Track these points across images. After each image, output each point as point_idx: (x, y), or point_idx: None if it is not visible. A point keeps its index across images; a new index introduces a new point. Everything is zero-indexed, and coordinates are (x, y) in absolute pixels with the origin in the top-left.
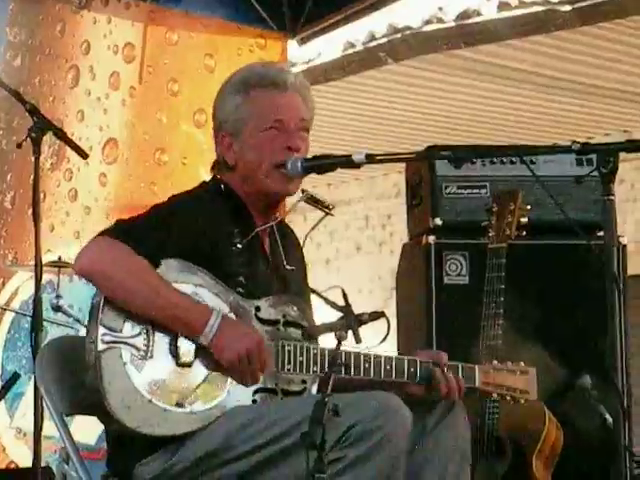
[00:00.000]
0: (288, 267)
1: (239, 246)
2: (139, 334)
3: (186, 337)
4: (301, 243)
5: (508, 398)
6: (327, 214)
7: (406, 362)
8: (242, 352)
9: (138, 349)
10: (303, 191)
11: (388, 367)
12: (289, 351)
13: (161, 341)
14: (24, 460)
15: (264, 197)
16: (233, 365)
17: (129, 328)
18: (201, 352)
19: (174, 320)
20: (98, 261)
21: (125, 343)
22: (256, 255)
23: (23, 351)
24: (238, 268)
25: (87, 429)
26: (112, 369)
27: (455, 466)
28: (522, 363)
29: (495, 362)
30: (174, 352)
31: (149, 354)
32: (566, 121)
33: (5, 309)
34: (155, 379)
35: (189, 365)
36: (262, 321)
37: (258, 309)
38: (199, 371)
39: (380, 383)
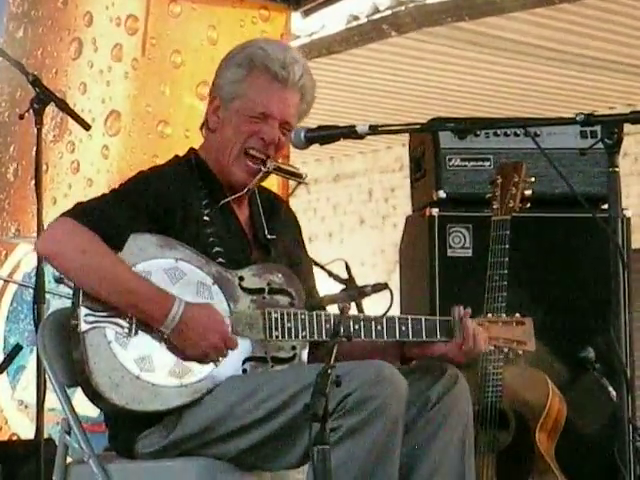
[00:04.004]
0: (269, 236)
1: (206, 219)
2: (122, 313)
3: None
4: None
5: (506, 350)
6: (300, 183)
7: (397, 320)
8: (208, 345)
9: (122, 327)
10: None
11: (379, 327)
12: (276, 318)
13: (146, 324)
14: (26, 432)
15: (222, 175)
16: (201, 358)
17: (111, 307)
18: None
19: (133, 309)
20: (57, 243)
21: (108, 322)
22: (228, 225)
23: (25, 323)
24: (212, 238)
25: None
26: (97, 348)
27: (458, 442)
28: (518, 314)
29: (490, 315)
30: (158, 329)
31: (133, 331)
32: (570, 94)
33: (8, 281)
34: (141, 355)
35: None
36: (247, 290)
37: (242, 279)
38: None
39: (382, 351)
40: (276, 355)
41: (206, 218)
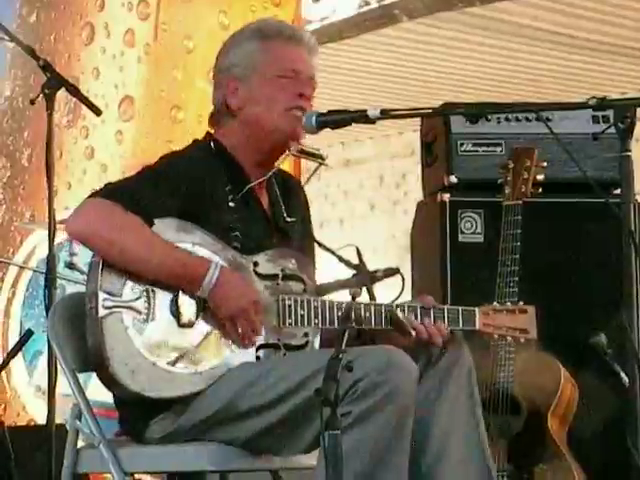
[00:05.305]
0: (289, 219)
1: (231, 205)
2: (139, 297)
3: (185, 292)
4: (308, 198)
5: (509, 339)
6: (321, 164)
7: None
8: (241, 307)
9: (139, 312)
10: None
11: (367, 314)
12: (289, 305)
13: (162, 303)
14: (44, 418)
15: (266, 144)
16: (231, 319)
17: (129, 292)
18: (202, 312)
19: (172, 275)
20: (91, 223)
21: (126, 307)
22: (252, 210)
23: (41, 309)
24: (233, 224)
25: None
26: (114, 334)
27: (466, 392)
28: (521, 303)
29: (495, 303)
30: (175, 313)
31: (150, 317)
32: (582, 80)
33: (22, 267)
34: (158, 341)
35: (191, 325)
36: (261, 276)
37: (256, 264)
38: (201, 331)
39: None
40: (289, 342)
41: (230, 204)
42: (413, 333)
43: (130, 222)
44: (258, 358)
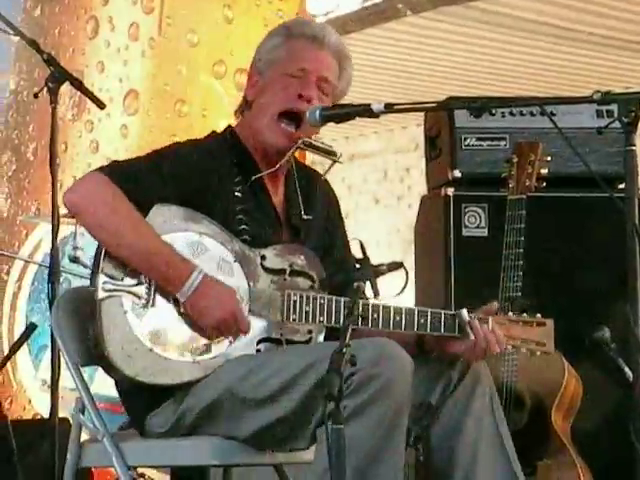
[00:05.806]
0: (305, 216)
1: (237, 194)
2: (141, 282)
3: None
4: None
5: (524, 350)
6: (335, 161)
7: (416, 312)
8: (220, 319)
9: (139, 297)
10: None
11: (397, 318)
12: (295, 301)
13: (163, 290)
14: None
15: (260, 144)
16: (213, 330)
17: (131, 276)
18: None
19: (153, 268)
20: (88, 198)
21: (126, 291)
22: (259, 202)
23: (46, 303)
24: (239, 214)
25: (110, 381)
26: (112, 317)
27: (489, 415)
28: (539, 315)
29: (510, 314)
30: (175, 301)
31: (150, 303)
32: (586, 74)
33: (28, 261)
34: (156, 328)
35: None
36: (268, 270)
37: (264, 258)
38: None
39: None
40: (291, 338)
41: (237, 194)
42: (472, 337)
43: (123, 205)
44: (259, 352)
